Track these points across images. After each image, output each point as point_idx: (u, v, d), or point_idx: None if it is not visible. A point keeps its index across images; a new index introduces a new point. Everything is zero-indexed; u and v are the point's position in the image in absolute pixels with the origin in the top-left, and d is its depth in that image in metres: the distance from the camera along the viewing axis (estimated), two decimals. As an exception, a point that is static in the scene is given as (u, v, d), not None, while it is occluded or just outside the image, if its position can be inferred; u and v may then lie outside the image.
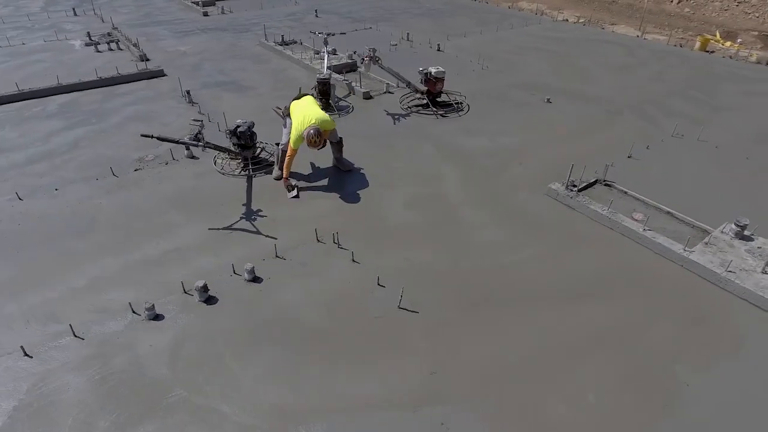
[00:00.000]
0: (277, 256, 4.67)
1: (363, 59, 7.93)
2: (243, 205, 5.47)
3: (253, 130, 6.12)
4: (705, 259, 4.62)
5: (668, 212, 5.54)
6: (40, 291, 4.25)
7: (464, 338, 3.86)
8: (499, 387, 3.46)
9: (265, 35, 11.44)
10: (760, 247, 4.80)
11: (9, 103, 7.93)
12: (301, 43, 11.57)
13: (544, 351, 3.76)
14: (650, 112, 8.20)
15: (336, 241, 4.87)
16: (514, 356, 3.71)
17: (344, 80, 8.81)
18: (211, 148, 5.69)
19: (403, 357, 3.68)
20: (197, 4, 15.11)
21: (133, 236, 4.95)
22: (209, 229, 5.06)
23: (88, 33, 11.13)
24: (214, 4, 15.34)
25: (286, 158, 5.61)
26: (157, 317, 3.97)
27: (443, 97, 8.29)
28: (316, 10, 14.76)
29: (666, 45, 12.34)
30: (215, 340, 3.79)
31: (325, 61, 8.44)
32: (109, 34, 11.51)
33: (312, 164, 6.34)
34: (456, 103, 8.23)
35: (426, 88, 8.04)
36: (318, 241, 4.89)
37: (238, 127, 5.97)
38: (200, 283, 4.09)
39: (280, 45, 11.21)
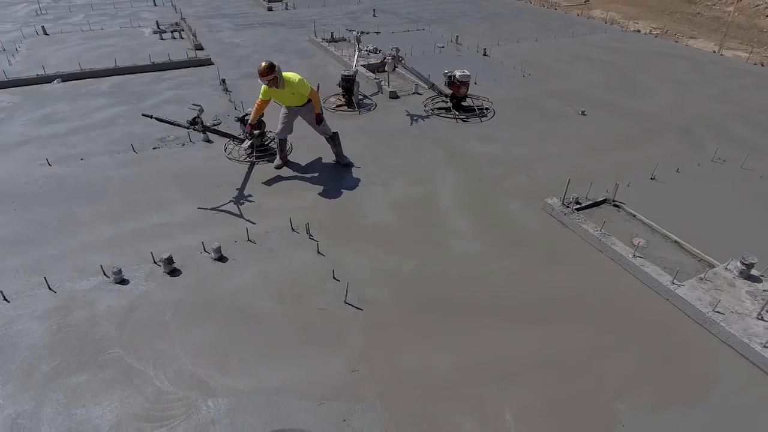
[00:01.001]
0: (248, 240, 4.85)
1: (385, 58, 7.96)
2: (237, 189, 5.73)
3: (263, 119, 6.41)
4: (693, 295, 4.18)
5: (675, 241, 5.07)
6: (39, 246, 4.74)
7: (400, 342, 3.79)
8: (417, 395, 3.37)
9: (315, 32, 11.81)
10: (766, 291, 4.26)
11: (72, 80, 8.85)
12: (349, 41, 11.82)
13: (479, 366, 3.60)
14: (698, 133, 7.50)
15: (308, 231, 4.96)
16: (444, 367, 3.59)
17: (375, 79, 8.89)
18: (210, 132, 5.98)
19: (332, 351, 3.69)
20: (267, -1, 15.95)
21: (131, 207, 5.36)
22: (198, 208, 5.35)
23: (157, 22, 12.12)
24: (280, 0, 16.04)
25: (255, 106, 5.82)
26: (123, 282, 4.29)
27: (469, 102, 8.12)
28: (374, 10, 14.97)
29: (745, 63, 11.20)
30: (165, 309, 4.03)
31: (355, 58, 8.56)
32: (176, 24, 12.44)
33: (311, 156, 6.49)
34: (479, 109, 8.02)
35: (450, 92, 7.93)
36: (292, 230, 5.01)
37: (246, 115, 6.26)
38: (165, 255, 4.36)
39: (329, 42, 11.52)
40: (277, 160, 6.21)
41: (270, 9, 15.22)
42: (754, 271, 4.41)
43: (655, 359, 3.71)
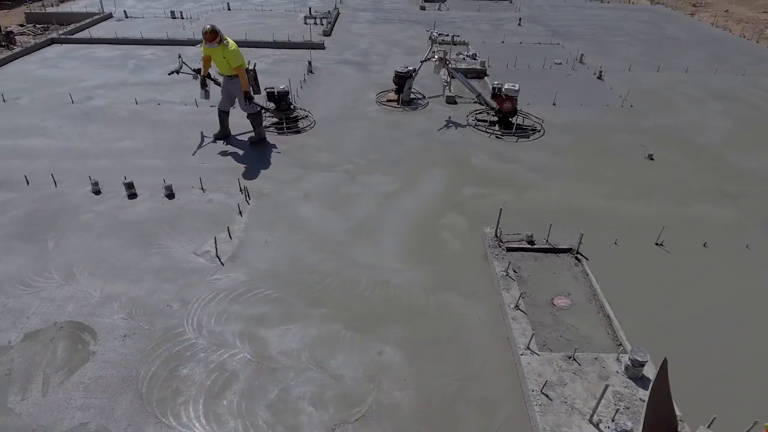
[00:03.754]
0: (201, 188, 5.65)
1: (431, 59, 7.86)
2: (234, 147, 6.59)
3: (289, 97, 7.17)
4: (537, 368, 3.49)
5: (607, 315, 4.17)
6: (81, 156, 6.30)
7: (220, 301, 4.10)
8: (183, 341, 3.69)
9: (433, 32, 12.01)
10: (643, 399, 3.30)
11: (211, 46, 10.91)
12: (467, 44, 11.75)
13: (251, 344, 3.73)
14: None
15: (247, 194, 5.52)
16: (221, 331, 3.80)
17: (444, 83, 8.82)
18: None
19: (168, 286, 4.21)
20: (425, -2, 16.62)
21: (152, 143, 6.65)
22: (192, 154, 6.39)
23: (310, 8, 13.83)
24: (434, 1, 16.51)
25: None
26: (97, 192, 5.50)
27: (520, 120, 7.51)
28: (519, 19, 14.36)
29: None
30: (102, 219, 5.07)
31: (424, 57, 8.60)
32: (328, 12, 14.00)
33: (322, 136, 6.96)
34: (520, 127, 7.34)
35: (497, 105, 7.46)
36: (240, 190, 5.62)
37: (273, 88, 7.07)
38: (126, 180, 5.43)
39: (444, 43, 11.64)
40: (218, 132, 6.82)
41: (422, 8, 15.84)
42: (648, 372, 3.44)
43: (429, 414, 3.30)
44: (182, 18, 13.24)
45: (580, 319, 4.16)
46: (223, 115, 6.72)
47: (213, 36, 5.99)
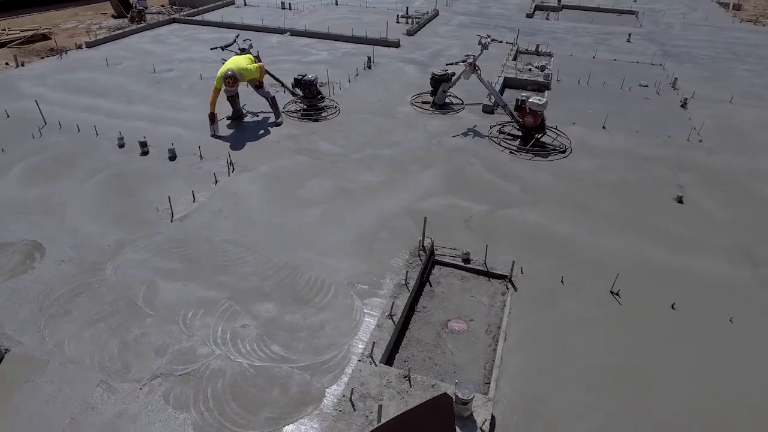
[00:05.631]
0: (200, 156, 6.31)
1: (459, 63, 7.55)
2: (248, 125, 7.18)
3: (317, 85, 7.59)
4: (363, 377, 3.39)
5: (494, 350, 3.84)
6: (130, 116, 7.42)
7: (149, 252, 4.65)
8: (96, 271, 4.30)
9: (516, 41, 11.45)
10: (457, 440, 3.01)
11: (296, 35, 11.79)
12: (551, 56, 11.03)
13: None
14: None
15: (232, 167, 6.03)
16: (130, 274, 4.32)
17: (488, 96, 8.45)
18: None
19: (113, 229, 4.90)
20: (536, 7, 15.81)
21: (192, 115, 7.53)
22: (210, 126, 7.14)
23: (407, 8, 14.09)
24: (543, 10, 15.59)
25: (211, 95, 6.87)
26: (121, 146, 6.47)
27: (549, 138, 6.94)
28: (629, 34, 12.92)
29: None
30: (110, 167, 5.99)
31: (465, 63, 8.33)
32: (424, 14, 14.13)
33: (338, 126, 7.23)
34: (536, 145, 6.76)
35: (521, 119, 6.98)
36: (228, 162, 6.15)
37: (304, 76, 7.51)
38: (141, 139, 6.30)
39: (525, 53, 11.13)
40: (231, 113, 7.39)
41: (529, 16, 15.10)
42: (478, 414, 3.12)
43: (245, 390, 3.41)
44: (289, 9, 14.46)
45: (466, 347, 3.89)
46: (232, 98, 7.29)
47: (234, 83, 6.83)
